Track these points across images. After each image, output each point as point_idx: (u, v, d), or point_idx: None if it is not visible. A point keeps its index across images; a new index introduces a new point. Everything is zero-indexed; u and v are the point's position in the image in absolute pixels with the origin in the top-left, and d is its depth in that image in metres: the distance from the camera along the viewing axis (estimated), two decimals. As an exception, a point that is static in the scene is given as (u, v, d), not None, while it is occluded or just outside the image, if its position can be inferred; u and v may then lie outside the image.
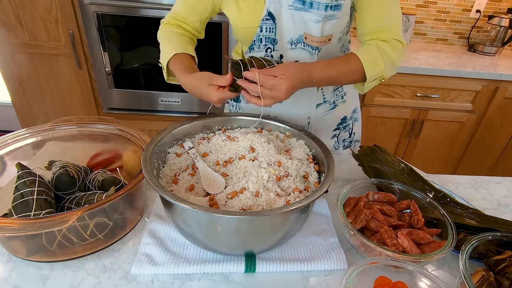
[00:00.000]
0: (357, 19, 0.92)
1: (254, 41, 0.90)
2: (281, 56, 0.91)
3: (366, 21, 0.88)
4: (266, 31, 0.88)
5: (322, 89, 1.00)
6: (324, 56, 0.92)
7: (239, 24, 0.89)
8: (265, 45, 0.90)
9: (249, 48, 0.93)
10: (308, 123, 1.03)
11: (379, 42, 0.86)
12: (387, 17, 0.86)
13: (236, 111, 1.10)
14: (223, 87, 0.77)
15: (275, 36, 0.88)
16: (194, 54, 0.91)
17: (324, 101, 1.02)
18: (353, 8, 0.89)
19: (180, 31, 0.95)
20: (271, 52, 0.91)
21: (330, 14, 0.82)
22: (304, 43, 0.88)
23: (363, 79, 0.85)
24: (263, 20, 0.85)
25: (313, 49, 0.88)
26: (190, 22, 0.95)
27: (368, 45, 0.87)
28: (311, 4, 0.81)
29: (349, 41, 1.01)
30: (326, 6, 0.81)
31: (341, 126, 1.10)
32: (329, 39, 0.88)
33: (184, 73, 0.83)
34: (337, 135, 1.10)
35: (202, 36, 0.99)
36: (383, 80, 0.87)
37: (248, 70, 0.74)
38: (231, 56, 1.01)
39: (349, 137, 1.14)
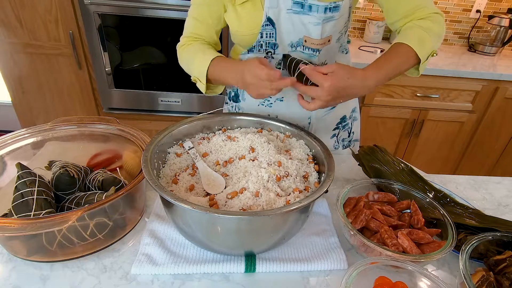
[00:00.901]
0: (384, 9, 0.90)
1: (254, 45, 0.90)
2: (284, 56, 0.91)
3: (397, 8, 0.86)
4: (266, 37, 0.88)
5: None
6: (323, 56, 0.92)
7: (239, 30, 0.89)
8: (265, 49, 0.91)
9: (248, 50, 0.93)
10: (309, 123, 1.03)
11: (417, 22, 0.84)
12: None
13: (235, 111, 1.10)
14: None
15: (275, 41, 0.88)
16: None
17: None
18: (351, 8, 0.88)
19: (206, 45, 0.94)
20: (271, 55, 0.91)
21: (329, 16, 0.82)
22: (303, 46, 0.88)
23: (417, 62, 0.83)
24: (262, 26, 0.85)
25: (313, 51, 0.88)
26: (208, 37, 0.94)
27: (408, 28, 0.84)
28: (310, 7, 0.80)
29: (348, 41, 1.01)
30: (326, 9, 0.80)
31: (340, 125, 1.10)
32: (329, 40, 0.88)
33: (237, 60, 0.85)
34: (336, 135, 1.10)
35: (219, 47, 0.98)
36: (434, 55, 0.85)
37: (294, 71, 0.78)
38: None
39: (348, 136, 1.14)
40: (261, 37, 0.88)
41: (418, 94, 1.95)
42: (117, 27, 1.78)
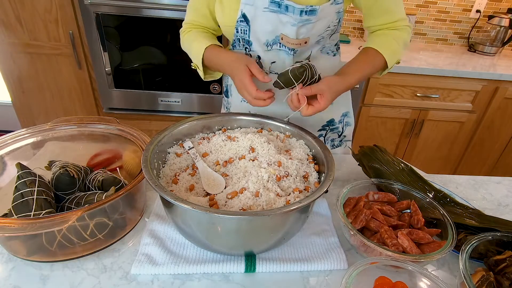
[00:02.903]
0: (363, 15, 0.93)
1: (234, 40, 0.92)
2: (259, 57, 0.92)
3: (375, 18, 0.91)
4: (241, 33, 0.89)
5: None
6: (299, 56, 0.92)
7: (222, 21, 0.90)
8: (243, 45, 0.92)
9: (232, 45, 0.95)
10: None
11: (391, 31, 0.91)
12: (396, 11, 0.90)
13: (231, 111, 1.09)
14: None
15: (249, 38, 0.89)
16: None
17: None
18: (341, 13, 0.87)
19: (204, 31, 0.96)
20: (248, 51, 0.92)
21: (305, 19, 0.82)
22: (280, 43, 0.88)
23: (384, 68, 0.93)
24: (237, 21, 0.86)
25: (289, 50, 0.88)
26: (207, 24, 0.96)
27: (383, 35, 0.91)
28: (287, 7, 0.80)
29: (337, 46, 0.99)
30: (301, 11, 0.80)
31: (327, 128, 1.08)
32: (305, 42, 0.88)
33: (224, 52, 0.87)
34: (323, 135, 1.09)
35: (220, 32, 1.00)
36: (398, 63, 0.95)
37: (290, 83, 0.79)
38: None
39: (338, 137, 1.13)
40: (237, 32, 0.88)
41: (418, 94, 1.95)
42: (117, 27, 1.78)
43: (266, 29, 0.85)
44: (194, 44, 0.91)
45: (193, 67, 0.95)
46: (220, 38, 1.00)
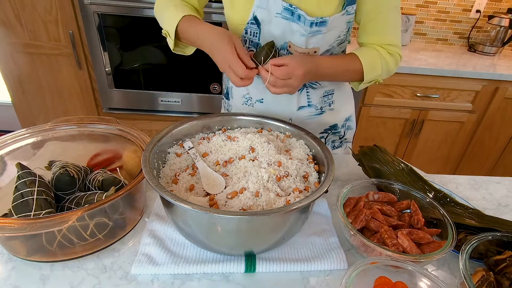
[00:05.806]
0: (358, 31, 0.93)
1: (241, 40, 0.90)
2: None
3: (369, 36, 0.91)
4: (250, 34, 0.88)
5: (308, 91, 0.98)
6: None
7: (230, 16, 0.89)
8: (248, 47, 0.90)
9: None
10: None
11: (381, 50, 0.90)
12: (393, 34, 0.89)
13: (231, 112, 1.09)
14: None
15: (258, 41, 0.88)
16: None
17: (309, 105, 1.00)
18: (351, 23, 0.87)
19: (183, 2, 0.91)
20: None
21: (315, 30, 0.82)
22: (287, 50, 0.88)
23: (361, 80, 0.91)
24: (248, 23, 0.85)
25: None
26: (190, 1, 0.92)
27: (371, 48, 0.90)
28: (299, 16, 0.80)
29: (343, 52, 0.99)
30: (312, 23, 0.80)
31: (329, 131, 1.08)
32: (315, 51, 0.87)
33: (205, 23, 0.81)
34: (324, 137, 1.09)
35: (202, 15, 0.95)
36: (377, 83, 0.95)
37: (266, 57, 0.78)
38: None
39: (339, 139, 1.13)
40: (246, 33, 0.87)
41: (418, 94, 1.95)
42: (117, 27, 1.78)
43: (275, 34, 0.85)
44: (170, 10, 0.85)
45: (163, 34, 0.89)
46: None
